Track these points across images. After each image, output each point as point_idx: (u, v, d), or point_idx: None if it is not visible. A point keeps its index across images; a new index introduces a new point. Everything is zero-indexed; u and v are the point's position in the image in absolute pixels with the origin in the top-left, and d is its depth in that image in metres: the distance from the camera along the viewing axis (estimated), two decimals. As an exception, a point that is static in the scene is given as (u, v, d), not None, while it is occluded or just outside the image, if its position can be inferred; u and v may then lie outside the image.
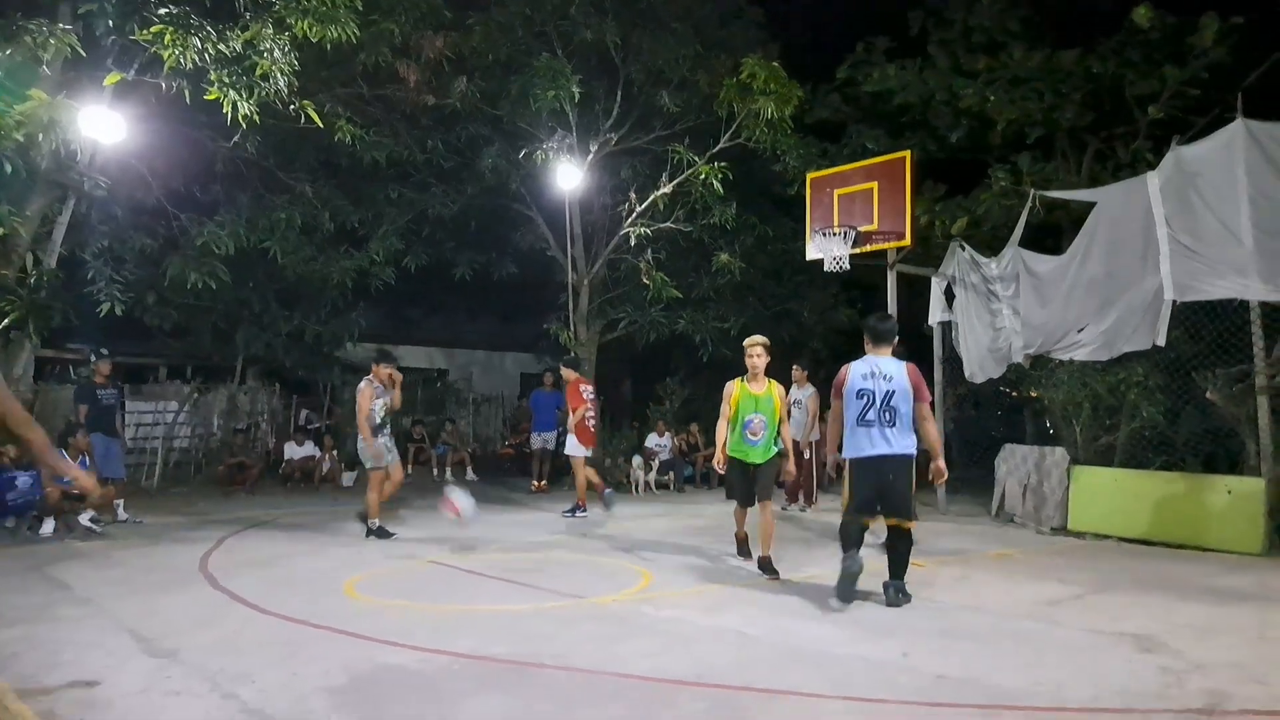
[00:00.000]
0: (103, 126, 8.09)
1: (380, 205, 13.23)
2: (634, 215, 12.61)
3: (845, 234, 10.41)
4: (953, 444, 8.21)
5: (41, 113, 7.38)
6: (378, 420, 8.09)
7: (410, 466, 15.13)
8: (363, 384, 8.14)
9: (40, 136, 7.55)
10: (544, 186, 12.75)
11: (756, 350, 6.44)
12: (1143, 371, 8.68)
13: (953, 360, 10.61)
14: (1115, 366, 8.80)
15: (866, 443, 5.40)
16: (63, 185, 9.31)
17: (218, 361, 14.59)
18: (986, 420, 14.99)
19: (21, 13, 7.75)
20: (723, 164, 11.91)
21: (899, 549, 5.51)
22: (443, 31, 10.93)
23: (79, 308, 10.28)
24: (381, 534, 8.08)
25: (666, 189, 12.32)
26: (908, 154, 10.41)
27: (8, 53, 7.21)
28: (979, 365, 10.27)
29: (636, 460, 12.86)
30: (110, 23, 8.40)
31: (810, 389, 10.64)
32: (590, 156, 12.59)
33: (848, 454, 5.53)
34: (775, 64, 11.41)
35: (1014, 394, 13.37)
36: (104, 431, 9.11)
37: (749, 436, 6.34)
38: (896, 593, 5.47)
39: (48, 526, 8.15)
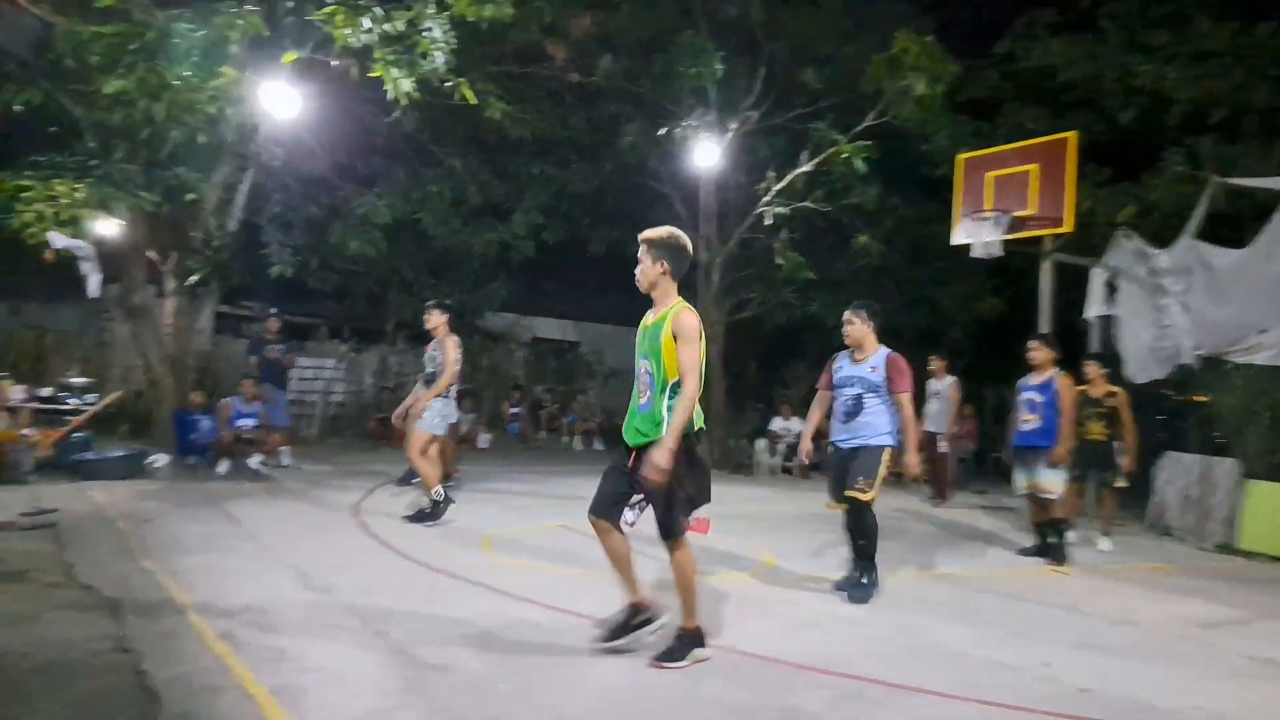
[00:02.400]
0: (280, 101, 8.71)
1: (523, 180, 13.66)
2: (771, 194, 12.46)
3: (997, 219, 9.92)
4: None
5: (230, 88, 8.03)
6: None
7: (543, 433, 15.75)
8: None
9: (228, 110, 8.21)
10: (681, 164, 12.78)
11: (640, 249, 3.95)
12: (1332, 380, 7.88)
13: (1110, 358, 9.95)
14: (1300, 374, 8.03)
15: None
16: (244, 156, 10.09)
17: (371, 324, 15.54)
18: (1145, 424, 14.01)
19: (216, -4, 8.45)
20: (867, 143, 11.58)
21: None
22: (590, 11, 11.10)
23: (254, 269, 11.18)
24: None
25: (806, 168, 12.09)
26: (1073, 135, 9.75)
27: (202, 33, 7.85)
28: (1140, 365, 9.59)
29: (760, 444, 12.81)
30: (290, 4, 9.03)
31: (950, 379, 10.26)
32: (729, 134, 12.50)
33: (896, 439, 5.41)
34: (929, 39, 10.96)
35: (1178, 397, 12.44)
36: (271, 382, 9.90)
37: (637, 398, 3.98)
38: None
39: (223, 466, 8.97)
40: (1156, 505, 9.14)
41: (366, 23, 8.25)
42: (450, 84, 8.91)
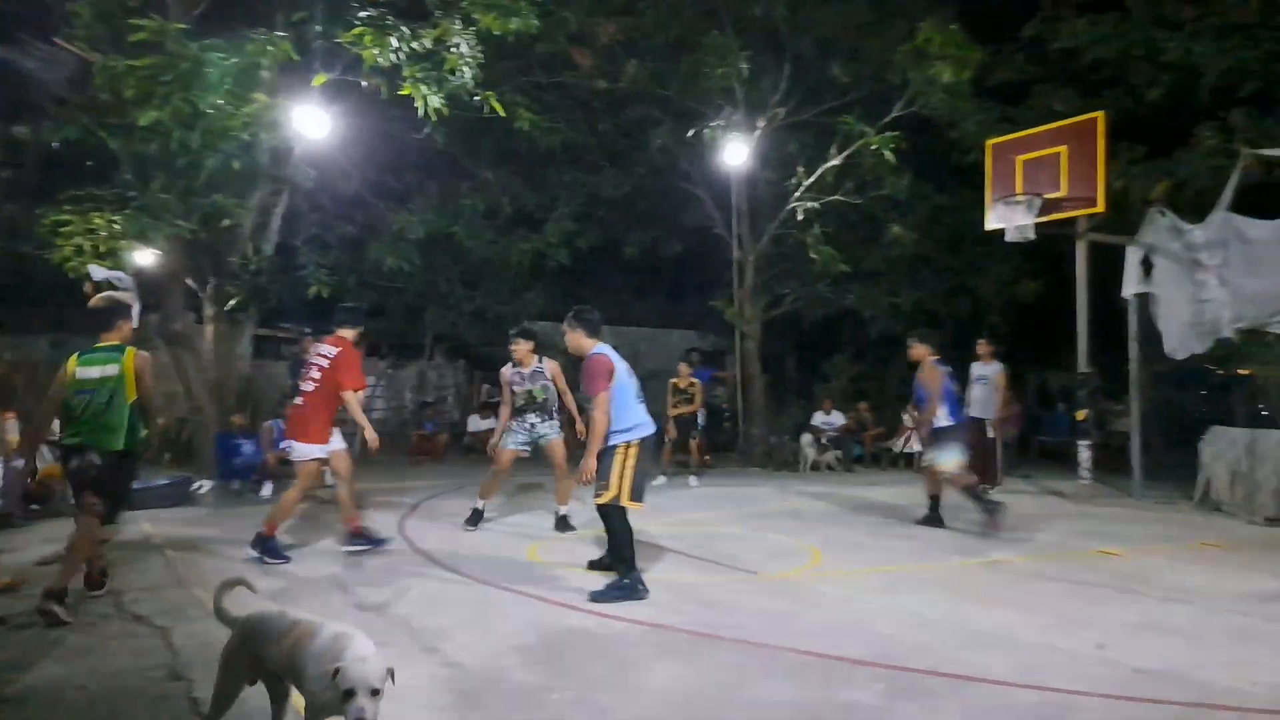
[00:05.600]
0: (312, 124, 8.88)
1: (554, 189, 13.77)
2: (801, 189, 12.43)
3: (1030, 202, 9.84)
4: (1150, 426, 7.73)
5: (263, 114, 8.19)
6: (518, 402, 7.44)
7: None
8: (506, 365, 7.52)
9: (262, 135, 8.38)
10: (711, 164, 12.80)
11: None
12: (1384, 349, 7.68)
13: (1150, 336, 9.82)
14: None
15: (646, 420, 5.36)
16: (278, 179, 10.28)
17: (408, 339, 15.72)
18: (1188, 400, 13.83)
19: (246, 24, 8.61)
20: (895, 134, 11.51)
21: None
22: (615, 16, 11.16)
23: (291, 290, 11.37)
24: (473, 518, 7.43)
25: (836, 161, 12.06)
26: (1101, 115, 9.67)
27: (234, 61, 8.02)
28: (1180, 341, 9.45)
29: (806, 438, 12.76)
30: (318, 27, 9.21)
31: (997, 365, 10.15)
32: (757, 132, 12.50)
33: (635, 434, 5.23)
34: (953, 27, 10.89)
35: (1221, 371, 12.18)
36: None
37: None
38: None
39: (267, 489, 9.10)
40: (1203, 481, 8.98)
41: (394, 42, 8.39)
42: (479, 97, 9.02)
